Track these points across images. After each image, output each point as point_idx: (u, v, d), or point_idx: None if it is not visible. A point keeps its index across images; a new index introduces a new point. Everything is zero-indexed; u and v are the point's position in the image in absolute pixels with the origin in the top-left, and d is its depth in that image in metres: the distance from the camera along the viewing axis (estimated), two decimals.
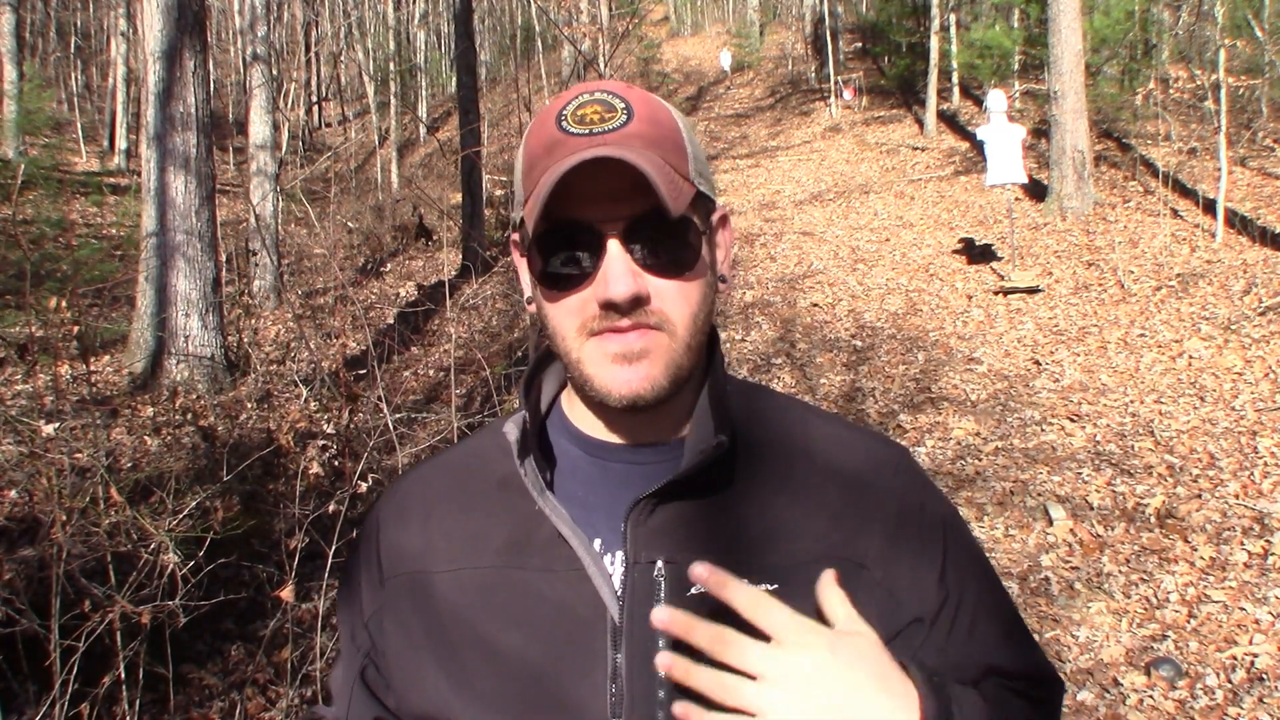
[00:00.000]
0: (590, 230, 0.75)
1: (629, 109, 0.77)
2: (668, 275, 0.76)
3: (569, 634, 0.78)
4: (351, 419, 4.29)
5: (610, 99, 0.78)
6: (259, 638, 3.64)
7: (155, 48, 7.28)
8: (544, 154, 0.76)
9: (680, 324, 0.77)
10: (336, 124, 28.25)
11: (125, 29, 21.22)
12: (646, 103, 0.79)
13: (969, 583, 0.84)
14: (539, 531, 0.81)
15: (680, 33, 37.37)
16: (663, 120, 0.79)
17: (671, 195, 0.73)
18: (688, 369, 0.79)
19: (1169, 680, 3.56)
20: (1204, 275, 8.23)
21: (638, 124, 0.76)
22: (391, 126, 20.38)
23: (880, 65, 21.89)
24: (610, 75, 12.72)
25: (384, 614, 0.86)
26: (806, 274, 10.39)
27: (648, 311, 0.76)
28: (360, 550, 0.92)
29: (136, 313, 7.91)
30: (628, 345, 0.76)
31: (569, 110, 0.77)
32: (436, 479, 0.91)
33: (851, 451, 0.87)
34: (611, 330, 0.76)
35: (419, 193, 14.98)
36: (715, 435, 0.79)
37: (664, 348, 0.77)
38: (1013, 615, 0.89)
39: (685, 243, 0.77)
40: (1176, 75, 14.56)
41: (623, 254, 0.75)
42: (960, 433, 6.10)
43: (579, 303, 0.77)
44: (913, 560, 0.82)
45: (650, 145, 0.76)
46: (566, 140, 0.76)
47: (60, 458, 3.26)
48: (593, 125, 0.76)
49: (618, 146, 0.74)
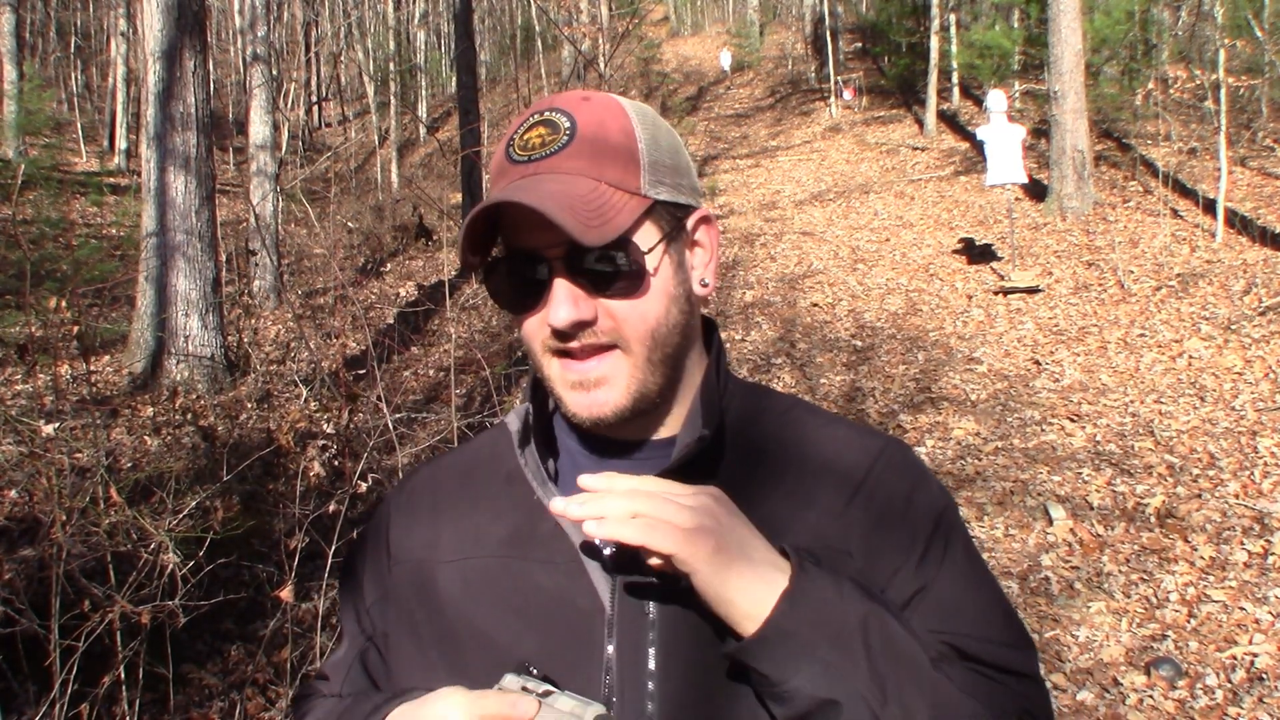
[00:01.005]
0: (536, 256, 0.77)
1: (573, 130, 0.78)
2: (615, 296, 0.77)
3: (567, 624, 0.79)
4: (351, 419, 4.29)
5: (558, 119, 0.78)
6: (259, 638, 3.64)
7: (155, 48, 7.28)
8: (495, 178, 0.81)
9: (635, 341, 0.78)
10: (336, 124, 28.24)
11: (125, 29, 21.22)
12: (596, 118, 0.79)
13: (947, 572, 0.82)
14: (542, 524, 0.82)
15: (680, 33, 37.37)
16: (610, 136, 0.78)
17: (590, 223, 0.73)
18: (656, 383, 0.80)
19: (1169, 680, 3.55)
20: (1204, 275, 8.23)
21: (577, 144, 0.77)
22: (391, 126, 20.38)
23: (880, 65, 21.89)
24: (610, 75, 12.72)
25: (388, 600, 0.88)
26: (806, 274, 10.39)
27: (596, 332, 0.78)
28: (367, 541, 0.94)
29: (136, 313, 7.92)
30: (584, 374, 0.78)
31: (519, 134, 0.80)
32: (446, 475, 0.93)
33: (842, 447, 0.87)
34: (567, 354, 0.79)
35: (419, 193, 14.98)
36: (700, 430, 0.80)
37: (622, 369, 0.78)
38: (1000, 610, 0.85)
39: (625, 263, 0.77)
40: (1176, 75, 14.55)
41: (564, 280, 0.77)
42: (960, 433, 6.10)
43: (538, 323, 0.79)
44: (893, 552, 0.81)
45: (585, 167, 0.77)
46: (508, 169, 0.79)
47: (60, 458, 3.26)
48: (532, 151, 0.78)
49: (541, 178, 0.76)
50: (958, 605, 0.81)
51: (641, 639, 0.77)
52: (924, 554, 0.82)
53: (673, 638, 0.78)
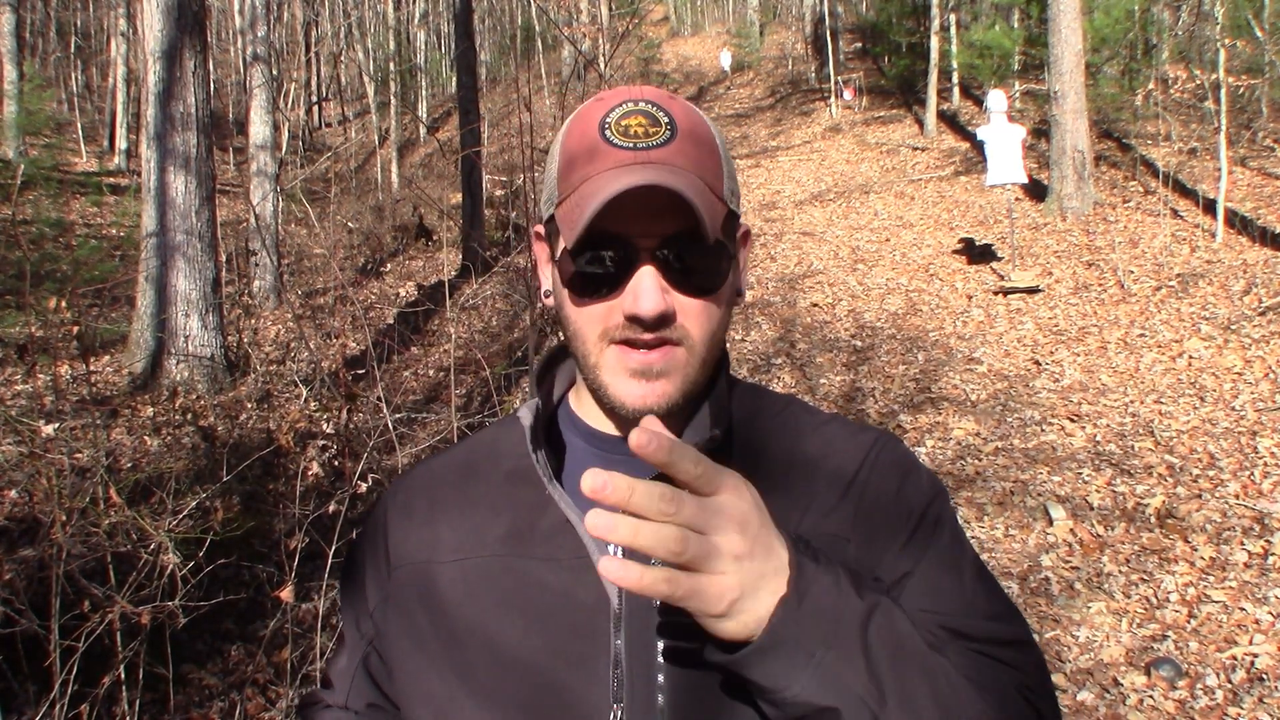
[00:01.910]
0: (625, 243, 0.77)
1: (673, 124, 0.78)
2: (695, 295, 0.78)
3: (572, 622, 0.79)
4: (351, 419, 4.29)
5: (655, 112, 0.79)
6: (259, 638, 3.64)
7: (155, 48, 7.28)
8: (585, 158, 0.78)
9: (700, 341, 0.79)
10: (336, 124, 28.23)
11: (125, 29, 21.21)
12: (689, 118, 0.80)
13: (934, 554, 0.83)
14: (543, 521, 0.82)
15: (680, 33, 37.38)
16: (704, 139, 0.80)
17: (710, 220, 0.74)
18: (702, 382, 0.82)
19: (1169, 680, 3.56)
20: (1204, 275, 8.23)
21: (681, 142, 0.77)
22: (391, 126, 20.38)
23: (880, 65, 21.89)
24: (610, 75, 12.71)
25: (389, 604, 0.88)
26: (806, 274, 10.40)
27: (672, 328, 0.78)
28: (366, 542, 0.93)
29: (136, 313, 7.92)
30: (648, 363, 0.78)
31: (613, 119, 0.78)
32: (443, 473, 0.92)
33: (838, 445, 0.88)
34: (633, 343, 0.78)
35: (419, 193, 14.97)
36: (710, 430, 0.81)
37: (682, 365, 0.79)
38: (984, 585, 0.85)
39: (716, 265, 0.79)
40: (1176, 75, 14.55)
41: (654, 271, 0.77)
42: (960, 433, 6.10)
43: (605, 310, 0.78)
44: (885, 538, 0.83)
45: (692, 165, 0.77)
46: (610, 151, 0.77)
47: (60, 458, 3.26)
48: (637, 139, 0.77)
49: (662, 168, 0.75)
50: (943, 585, 0.81)
51: (651, 634, 0.77)
52: (911, 537, 0.83)
53: (682, 631, 0.77)
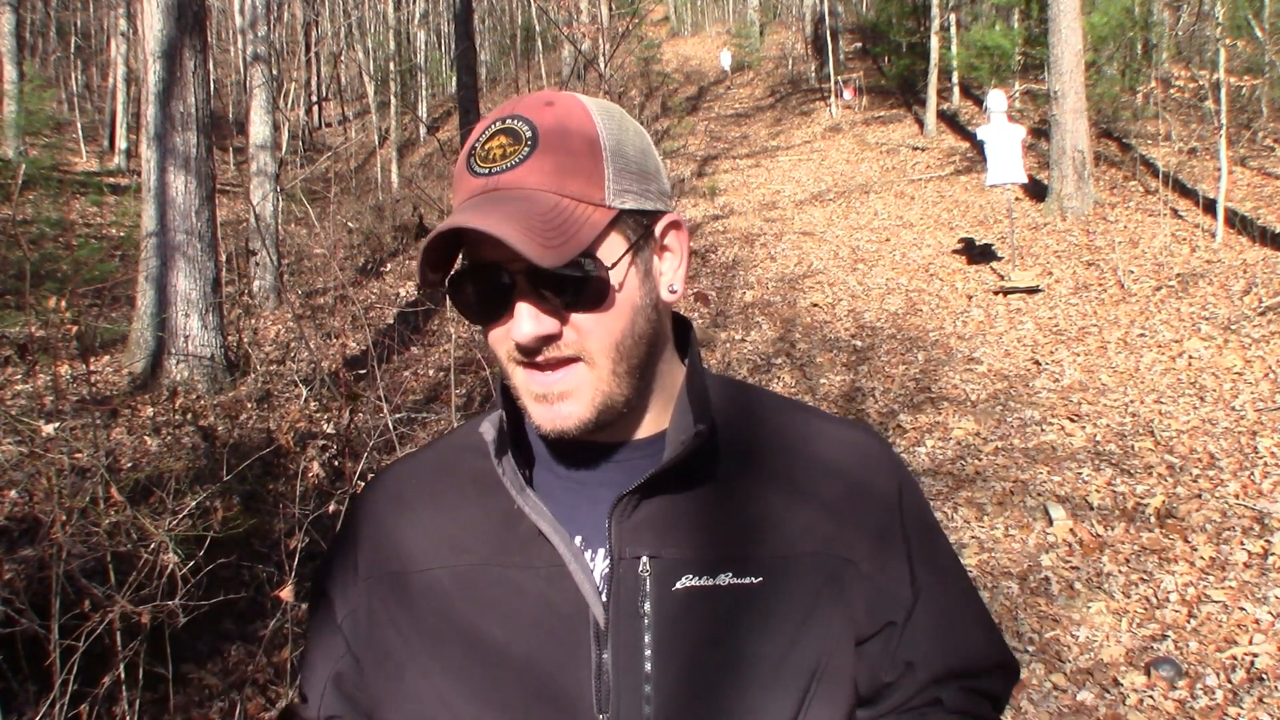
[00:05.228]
0: (499, 271, 0.76)
1: (534, 139, 0.75)
2: (579, 310, 0.76)
3: (551, 630, 0.78)
4: (351, 419, 4.29)
5: (520, 127, 0.76)
6: (259, 638, 3.63)
7: (155, 48, 7.28)
8: (456, 189, 0.79)
9: (600, 354, 0.77)
10: (336, 124, 28.22)
11: (125, 29, 21.20)
12: (563, 125, 0.76)
13: (937, 581, 0.87)
14: (518, 529, 0.81)
15: (680, 33, 37.35)
16: (574, 145, 0.76)
17: (550, 243, 0.71)
18: (623, 394, 0.79)
19: (1169, 680, 3.56)
20: (1204, 275, 8.23)
21: (539, 158, 0.75)
22: (391, 126, 20.38)
23: (880, 65, 21.89)
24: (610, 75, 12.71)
25: (360, 615, 0.86)
26: (806, 274, 10.40)
27: (560, 345, 0.76)
28: (335, 553, 0.92)
29: (136, 313, 7.91)
30: (548, 386, 0.77)
31: (480, 141, 0.78)
32: (411, 479, 0.91)
33: (840, 445, 0.88)
34: (532, 366, 0.78)
35: (419, 193, 14.97)
36: (695, 425, 0.80)
37: (586, 382, 0.77)
38: (978, 610, 0.92)
39: (584, 283, 0.75)
40: (1176, 75, 14.55)
41: (527, 296, 0.75)
42: (960, 433, 6.10)
43: (503, 333, 0.78)
44: (897, 558, 0.84)
45: (548, 181, 0.75)
46: (466, 180, 0.77)
47: (60, 458, 3.26)
48: (492, 164, 0.76)
49: (501, 196, 0.74)
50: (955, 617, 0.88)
51: (637, 641, 0.77)
52: (913, 564, 0.86)
53: (669, 639, 0.77)
